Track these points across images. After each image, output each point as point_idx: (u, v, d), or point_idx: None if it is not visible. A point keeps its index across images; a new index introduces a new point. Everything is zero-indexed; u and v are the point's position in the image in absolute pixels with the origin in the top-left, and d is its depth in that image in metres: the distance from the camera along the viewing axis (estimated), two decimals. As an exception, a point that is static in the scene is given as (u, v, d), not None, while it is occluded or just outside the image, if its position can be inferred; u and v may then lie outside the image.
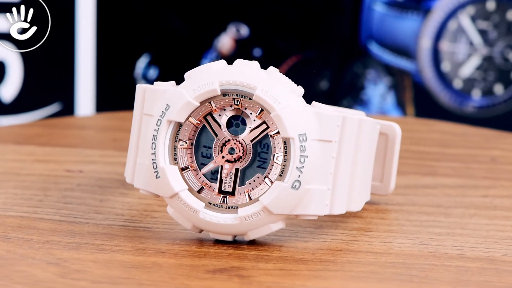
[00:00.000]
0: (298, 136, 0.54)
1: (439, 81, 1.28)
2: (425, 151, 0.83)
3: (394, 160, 0.64)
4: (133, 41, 1.27)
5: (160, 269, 0.52)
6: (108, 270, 0.52)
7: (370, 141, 0.58)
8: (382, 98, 1.31)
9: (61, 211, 0.62)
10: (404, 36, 1.29)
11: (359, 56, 1.31)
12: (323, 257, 0.54)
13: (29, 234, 0.57)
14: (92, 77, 1.24)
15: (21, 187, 0.67)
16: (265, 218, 0.54)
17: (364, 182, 0.59)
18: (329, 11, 1.30)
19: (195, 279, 0.50)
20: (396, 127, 0.64)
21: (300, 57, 1.29)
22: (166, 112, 0.55)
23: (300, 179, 0.54)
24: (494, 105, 1.28)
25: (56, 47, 1.21)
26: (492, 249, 0.56)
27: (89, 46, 1.23)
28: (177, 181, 0.56)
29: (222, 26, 1.27)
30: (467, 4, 1.26)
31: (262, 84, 0.54)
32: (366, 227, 0.60)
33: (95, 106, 1.25)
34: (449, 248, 0.56)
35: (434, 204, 0.65)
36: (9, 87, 1.20)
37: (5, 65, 1.19)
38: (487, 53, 1.27)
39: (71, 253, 0.54)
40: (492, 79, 1.27)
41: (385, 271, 0.52)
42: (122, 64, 1.27)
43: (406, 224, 0.61)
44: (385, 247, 0.56)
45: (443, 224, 0.60)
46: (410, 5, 1.28)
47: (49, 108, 1.23)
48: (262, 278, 0.51)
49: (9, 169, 0.73)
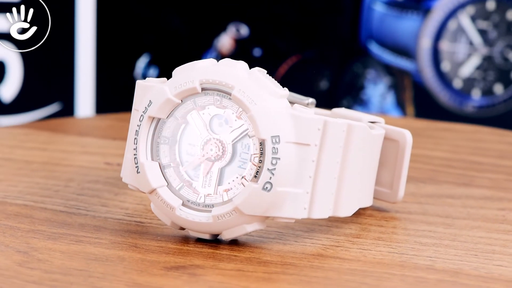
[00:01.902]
0: (271, 138, 0.53)
1: (439, 81, 1.28)
2: (477, 161, 0.82)
3: (403, 167, 0.63)
4: (133, 41, 1.27)
5: (120, 263, 0.53)
6: (69, 261, 0.53)
7: (365, 146, 0.57)
8: (382, 98, 1.31)
9: (69, 202, 0.63)
10: (404, 36, 1.29)
11: (359, 56, 1.31)
12: (290, 260, 0.54)
13: (20, 222, 0.59)
14: (92, 77, 1.24)
15: (48, 177, 0.69)
16: (238, 218, 0.54)
17: (358, 188, 0.58)
18: (329, 11, 1.30)
19: (146, 274, 0.51)
20: (407, 135, 0.62)
21: (300, 57, 1.29)
22: (148, 108, 0.56)
23: (272, 181, 0.53)
24: (494, 105, 1.28)
25: (56, 47, 1.21)
26: (466, 262, 0.55)
27: (89, 46, 1.23)
28: (156, 177, 0.56)
29: (222, 26, 1.27)
30: (467, 4, 1.26)
31: (240, 84, 0.54)
32: (357, 233, 0.59)
33: (95, 106, 1.25)
34: (423, 258, 0.55)
35: (443, 215, 0.64)
36: (9, 87, 1.20)
37: (5, 65, 1.19)
38: (487, 53, 1.27)
39: (47, 243, 0.55)
40: (492, 79, 1.27)
41: (339, 277, 0.52)
42: (122, 64, 1.27)
43: (399, 233, 0.60)
44: (360, 254, 0.56)
45: (436, 235, 0.59)
46: (410, 5, 1.28)
47: (49, 108, 1.23)
48: (212, 278, 0.51)
49: (50, 159, 0.74)
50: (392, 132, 0.62)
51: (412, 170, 0.72)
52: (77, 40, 1.23)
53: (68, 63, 1.23)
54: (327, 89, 1.31)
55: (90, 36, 1.23)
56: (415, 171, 0.75)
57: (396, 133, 0.62)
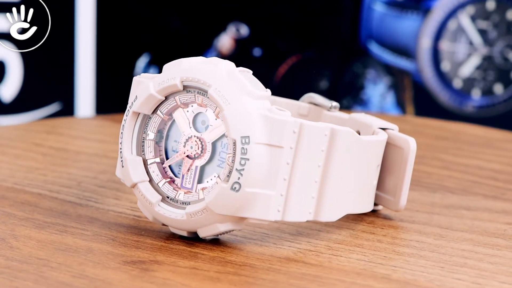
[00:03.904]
0: (241, 138, 0.53)
1: (439, 81, 1.28)
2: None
3: (406, 175, 0.62)
4: (133, 41, 1.27)
5: (85, 255, 0.53)
6: (37, 250, 0.54)
7: (353, 151, 0.57)
8: (382, 97, 1.31)
9: (84, 193, 0.64)
10: (404, 35, 1.29)
11: (359, 56, 1.31)
12: (252, 262, 0.54)
13: (20, 210, 0.60)
14: (92, 77, 1.24)
15: (84, 168, 0.70)
16: (210, 217, 0.54)
17: (346, 193, 0.57)
18: (329, 11, 1.30)
19: (99, 267, 0.52)
20: (411, 142, 0.61)
21: (300, 57, 1.29)
22: (134, 103, 0.57)
23: (240, 181, 0.53)
24: (494, 105, 1.28)
25: (56, 47, 1.21)
26: (427, 273, 0.54)
27: (89, 46, 1.23)
28: (137, 172, 0.57)
29: (222, 25, 1.27)
30: (467, 3, 1.26)
31: (217, 83, 0.54)
32: (343, 239, 0.59)
33: (95, 106, 1.25)
34: (386, 268, 0.54)
35: (444, 226, 0.63)
36: (9, 87, 1.20)
37: (5, 65, 1.19)
38: (487, 52, 1.27)
39: (30, 231, 0.57)
40: (492, 78, 1.27)
41: (285, 281, 0.52)
42: (122, 64, 1.27)
43: (384, 241, 0.59)
44: (326, 260, 0.55)
45: (419, 245, 0.59)
46: (410, 5, 1.28)
47: (49, 108, 1.23)
48: (161, 274, 0.51)
49: (101, 151, 0.77)
50: (398, 139, 0.61)
51: (450, 179, 0.71)
52: (77, 40, 1.23)
53: (68, 63, 1.23)
54: (327, 89, 1.31)
55: (90, 36, 1.23)
56: (452, 181, 0.74)
57: (401, 140, 0.61)
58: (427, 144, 0.87)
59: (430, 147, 0.86)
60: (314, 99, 0.68)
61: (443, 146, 0.88)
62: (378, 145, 0.60)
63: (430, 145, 0.87)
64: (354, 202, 0.59)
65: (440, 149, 0.86)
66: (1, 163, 0.72)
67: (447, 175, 0.76)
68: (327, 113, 0.67)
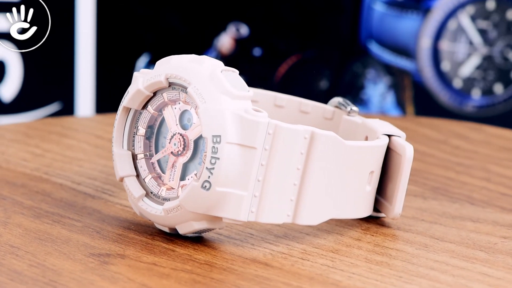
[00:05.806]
0: (212, 137, 0.53)
1: (439, 81, 1.28)
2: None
3: (401, 183, 0.60)
4: (133, 41, 1.27)
5: (59, 245, 0.54)
6: (16, 238, 0.55)
7: (337, 156, 0.56)
8: (382, 97, 1.31)
9: (104, 186, 0.65)
10: (404, 35, 1.29)
11: (359, 55, 1.31)
12: (215, 261, 0.54)
13: (30, 199, 0.61)
14: (92, 76, 1.24)
15: (107, 158, 0.71)
16: (185, 214, 0.54)
17: (329, 197, 0.57)
18: (329, 11, 1.30)
19: (63, 258, 0.52)
20: (408, 149, 0.60)
21: (300, 57, 1.29)
22: (124, 98, 0.57)
23: (210, 180, 0.53)
24: (494, 105, 1.28)
25: (56, 47, 1.21)
26: (379, 282, 0.53)
27: (89, 46, 1.23)
28: (124, 166, 0.57)
29: (222, 25, 1.27)
30: (467, 3, 1.26)
31: (197, 81, 0.54)
32: (322, 244, 0.58)
33: (95, 106, 1.25)
34: (343, 275, 0.54)
35: (436, 236, 0.61)
36: (9, 86, 1.20)
37: (5, 65, 1.19)
38: (487, 52, 1.27)
39: (25, 220, 0.57)
40: (491, 78, 1.27)
41: (233, 281, 0.52)
42: (122, 64, 1.27)
43: (364, 248, 0.58)
44: (290, 263, 0.55)
45: (394, 254, 0.58)
46: (410, 5, 1.28)
47: (49, 107, 1.23)
48: (116, 268, 0.52)
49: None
50: (398, 145, 0.60)
51: (482, 191, 0.69)
52: (77, 40, 1.23)
53: (68, 63, 1.23)
54: (327, 89, 1.31)
55: (90, 36, 1.23)
56: (482, 192, 0.72)
57: (399, 146, 0.60)
58: (486, 155, 0.84)
59: (488, 157, 0.84)
60: (336, 103, 0.67)
61: (502, 157, 0.84)
62: (370, 151, 0.59)
63: (489, 155, 0.84)
64: (340, 207, 0.58)
65: (495, 160, 0.83)
66: (48, 153, 0.73)
67: (482, 186, 0.73)
68: (345, 117, 0.66)
